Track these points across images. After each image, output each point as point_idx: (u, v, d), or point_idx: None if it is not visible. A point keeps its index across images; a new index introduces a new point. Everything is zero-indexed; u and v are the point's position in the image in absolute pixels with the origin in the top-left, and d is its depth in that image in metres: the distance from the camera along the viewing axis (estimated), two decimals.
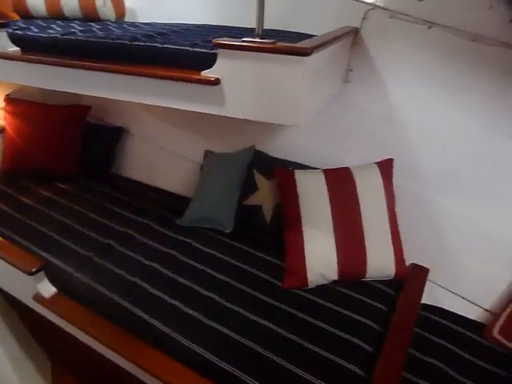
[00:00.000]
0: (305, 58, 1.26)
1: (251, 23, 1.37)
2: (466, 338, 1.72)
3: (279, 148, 2.30)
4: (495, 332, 1.71)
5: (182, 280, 1.85)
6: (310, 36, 1.80)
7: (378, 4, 1.87)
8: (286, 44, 1.30)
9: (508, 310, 1.73)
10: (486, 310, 1.90)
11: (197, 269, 1.93)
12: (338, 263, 1.81)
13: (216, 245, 2.10)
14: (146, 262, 1.96)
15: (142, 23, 2.39)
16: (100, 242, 2.11)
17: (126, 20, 2.61)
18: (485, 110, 1.78)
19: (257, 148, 2.33)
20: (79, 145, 2.81)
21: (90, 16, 2.44)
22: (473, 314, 1.90)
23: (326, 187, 1.87)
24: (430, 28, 1.78)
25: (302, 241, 1.83)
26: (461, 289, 1.96)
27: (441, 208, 1.97)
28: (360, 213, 1.84)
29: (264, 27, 1.37)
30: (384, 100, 1.98)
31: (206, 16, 2.33)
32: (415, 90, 1.90)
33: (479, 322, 1.85)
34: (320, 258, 1.81)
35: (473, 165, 1.86)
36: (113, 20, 2.49)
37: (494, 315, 1.81)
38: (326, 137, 2.18)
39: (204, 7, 2.39)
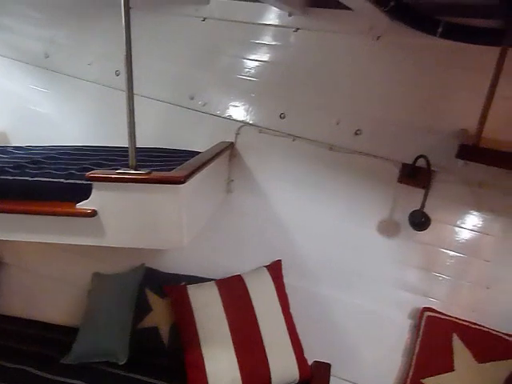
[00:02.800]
0: (180, 185, 1.32)
1: None
2: None
3: (171, 263, 2.26)
4: None
5: None
6: (191, 152, 1.91)
7: (248, 121, 2.12)
8: (161, 174, 1.35)
9: None
10: None
11: None
12: (241, 378, 1.75)
13: (109, 381, 1.88)
14: None
15: (15, 147, 2.29)
16: None
17: None
18: (345, 205, 2.02)
19: (147, 265, 2.26)
20: None
21: None
22: None
23: (220, 299, 1.87)
24: (294, 140, 2.05)
25: (203, 360, 1.75)
26: (362, 378, 2.01)
27: (330, 300, 2.08)
28: (256, 320, 1.85)
29: (146, 145, 1.41)
30: (264, 205, 2.15)
31: (84, 137, 2.34)
32: (289, 194, 2.11)
33: None
34: (223, 376, 1.74)
35: (346, 254, 2.04)
36: None
37: None
38: (218, 245, 2.23)
39: (81, 128, 2.41)
